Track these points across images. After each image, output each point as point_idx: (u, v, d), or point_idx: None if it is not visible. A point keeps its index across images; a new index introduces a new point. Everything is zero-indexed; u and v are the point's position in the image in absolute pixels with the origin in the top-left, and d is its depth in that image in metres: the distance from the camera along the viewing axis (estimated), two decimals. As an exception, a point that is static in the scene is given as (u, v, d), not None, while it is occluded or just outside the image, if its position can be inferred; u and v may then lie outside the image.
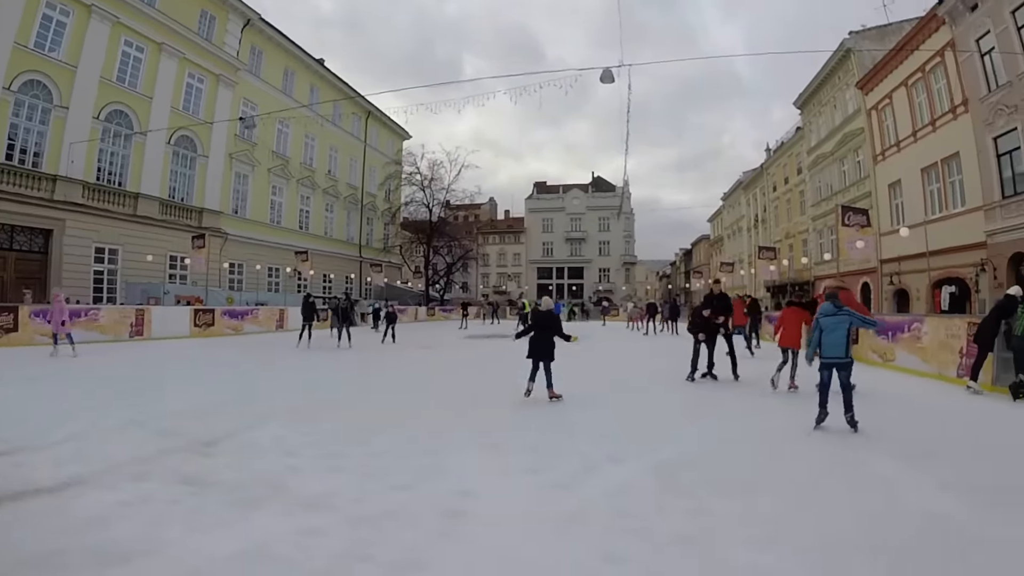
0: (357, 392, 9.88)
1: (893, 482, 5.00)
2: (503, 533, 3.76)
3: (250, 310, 26.94)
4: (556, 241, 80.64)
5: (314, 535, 3.66)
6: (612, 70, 15.35)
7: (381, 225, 51.97)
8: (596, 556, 3.46)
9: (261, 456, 5.48)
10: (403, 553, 3.44)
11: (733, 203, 65.15)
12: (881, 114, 29.84)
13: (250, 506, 4.14)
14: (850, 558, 3.47)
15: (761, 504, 4.38)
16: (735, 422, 7.63)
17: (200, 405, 8.05)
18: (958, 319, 12.25)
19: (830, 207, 32.82)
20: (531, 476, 4.99)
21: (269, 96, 35.64)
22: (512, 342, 12.06)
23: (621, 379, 11.80)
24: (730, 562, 3.43)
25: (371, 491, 4.53)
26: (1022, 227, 19.90)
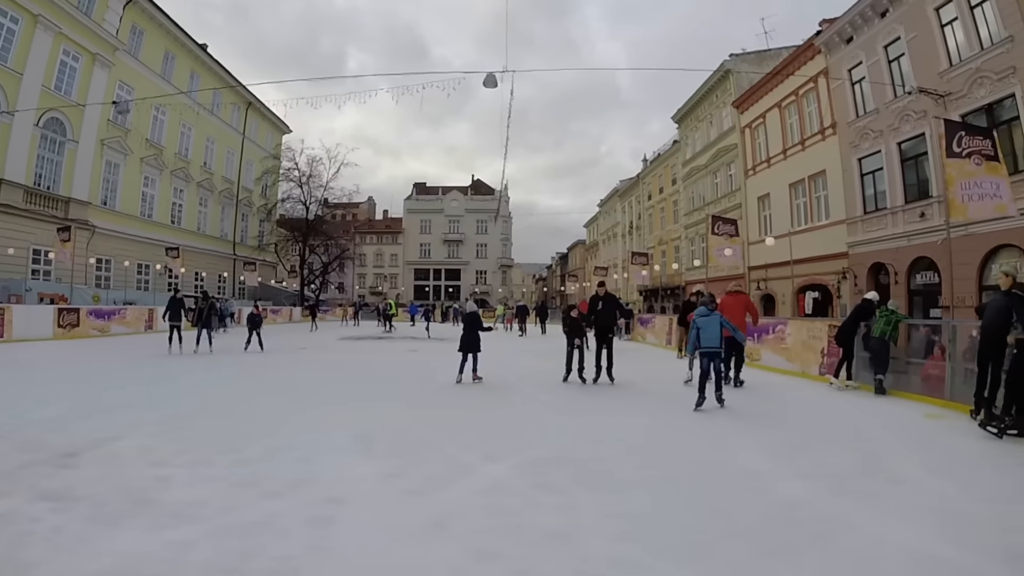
0: (228, 397, 9.57)
1: (757, 474, 5.35)
2: (375, 539, 3.77)
3: (118, 310, 25.40)
4: (434, 243, 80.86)
5: (182, 548, 3.55)
6: (496, 75, 15.57)
7: (256, 222, 50.59)
8: (468, 556, 3.53)
9: (127, 467, 5.24)
10: (273, 563, 3.39)
11: (609, 210, 67.05)
12: (754, 132, 31.96)
13: (116, 521, 3.97)
14: (713, 547, 3.69)
15: (629, 499, 4.60)
16: (607, 420, 7.94)
17: (63, 413, 7.62)
18: (819, 322, 13.36)
19: (702, 216, 34.39)
20: (402, 479, 5.01)
21: (147, 80, 33.99)
22: (383, 343, 12.34)
23: (494, 379, 11.86)
24: (598, 555, 3.57)
25: (241, 500, 4.44)
26: (881, 239, 21.86)
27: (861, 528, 4.07)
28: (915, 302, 20.78)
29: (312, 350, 19.20)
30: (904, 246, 20.75)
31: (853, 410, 9.00)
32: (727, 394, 9.01)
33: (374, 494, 4.62)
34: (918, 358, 10.82)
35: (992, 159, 11.18)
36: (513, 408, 8.89)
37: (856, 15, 22.55)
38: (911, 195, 20.81)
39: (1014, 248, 16.69)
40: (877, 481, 5.23)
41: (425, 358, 16.96)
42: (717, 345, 8.74)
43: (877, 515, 4.30)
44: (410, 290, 77.80)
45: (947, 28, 18.97)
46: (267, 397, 9.42)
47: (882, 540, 3.87)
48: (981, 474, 5.62)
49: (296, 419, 7.56)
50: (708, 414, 8.25)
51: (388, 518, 4.09)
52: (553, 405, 9.15)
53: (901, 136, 20.98)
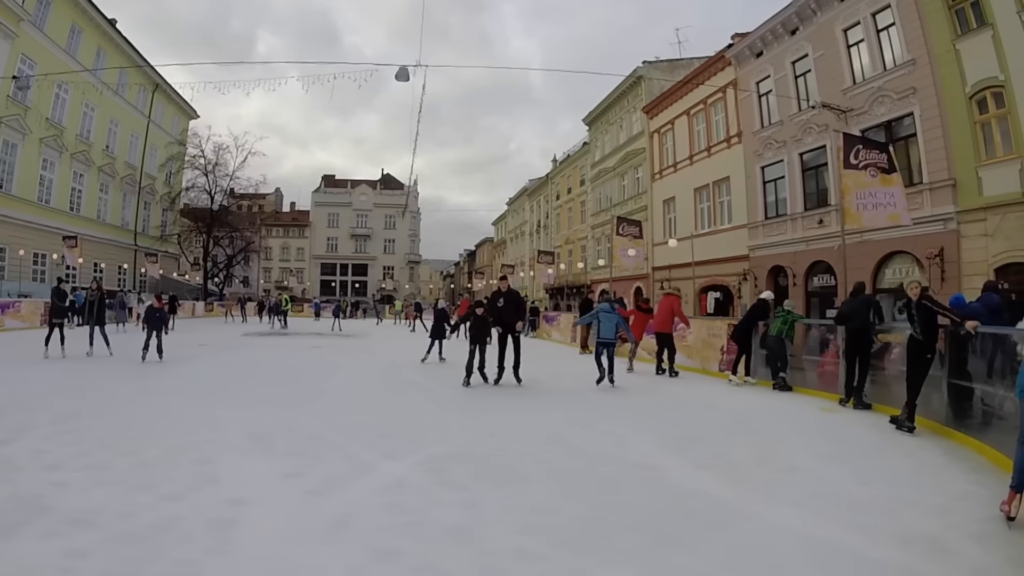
0: (127, 395, 9.26)
1: (654, 466, 5.55)
2: (277, 540, 3.73)
3: (12, 303, 23.97)
4: (342, 237, 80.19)
5: (78, 557, 3.43)
6: (408, 69, 15.80)
7: (159, 211, 48.68)
8: (369, 554, 3.53)
9: (19, 472, 5.01)
10: (173, 568, 3.33)
11: (518, 208, 67.41)
12: (662, 137, 32.87)
13: (8, 530, 3.80)
14: (612, 537, 3.82)
15: (530, 492, 4.70)
16: (508, 417, 8.08)
17: None
18: (719, 321, 14.08)
19: (608, 217, 35.03)
20: (303, 479, 4.98)
21: (51, 55, 31.85)
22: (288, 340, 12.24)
23: (397, 378, 12.08)
24: (501, 549, 3.63)
25: (140, 504, 4.31)
26: (780, 244, 22.98)
27: (756, 515, 4.28)
28: (812, 303, 21.95)
29: (214, 347, 18.55)
30: (803, 250, 21.86)
31: (751, 405, 9.40)
32: (639, 381, 10.44)
33: (275, 495, 4.58)
34: (814, 355, 11.49)
35: (887, 172, 11.82)
36: (414, 406, 8.94)
37: (767, 31, 23.53)
38: (810, 203, 21.91)
39: (906, 255, 17.94)
40: (772, 470, 5.52)
41: (329, 354, 17.08)
42: (612, 337, 11.24)
43: (772, 503, 4.52)
44: (316, 285, 76.88)
45: (853, 49, 20.17)
46: (165, 396, 9.15)
47: (777, 526, 4.08)
48: (871, 462, 5.95)
49: (194, 418, 7.36)
50: (609, 409, 8.65)
51: (290, 518, 4.07)
52: (455, 402, 9.23)
53: (803, 147, 22.10)
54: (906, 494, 4.87)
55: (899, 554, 3.67)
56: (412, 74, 14.89)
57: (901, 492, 4.93)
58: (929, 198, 17.18)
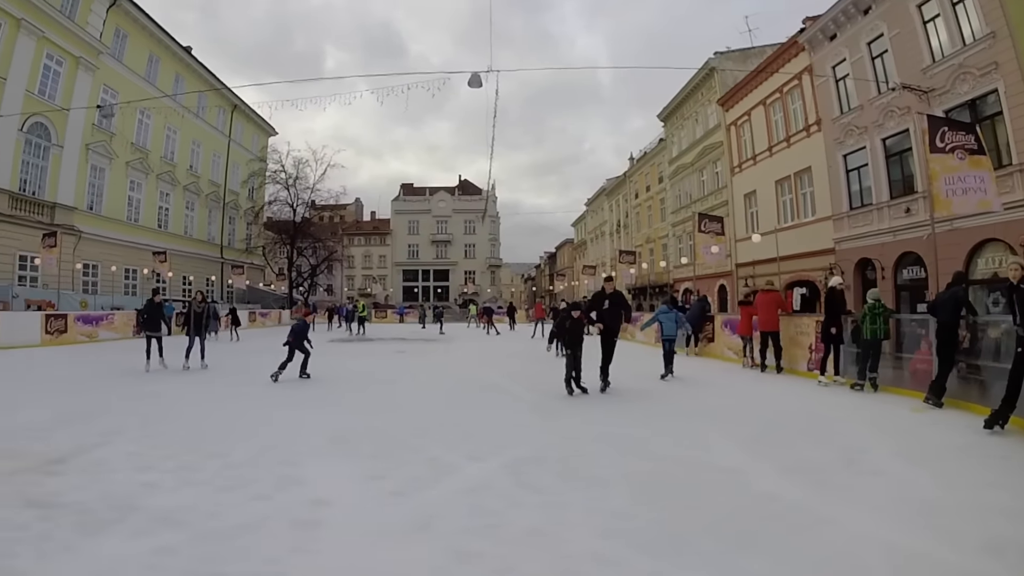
0: (210, 400, 9.51)
1: (736, 469, 5.39)
2: (359, 540, 3.78)
3: (105, 315, 25.22)
4: (422, 243, 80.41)
5: (166, 554, 3.55)
6: (480, 75, 15.46)
7: (244, 225, 50.25)
8: (450, 555, 3.55)
9: (112, 473, 5.22)
10: (258, 566, 3.41)
11: (596, 208, 66.89)
12: (739, 129, 31.97)
13: (100, 528, 3.97)
14: (691, 541, 3.74)
15: (610, 495, 4.63)
16: (588, 418, 7.96)
17: (49, 420, 7.59)
18: (807, 318, 13.34)
19: (688, 214, 34.43)
20: (386, 481, 5.03)
21: (131, 83, 33.62)
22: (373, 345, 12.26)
23: (480, 380, 12.06)
24: (580, 552, 3.61)
25: (227, 504, 4.44)
26: (867, 235, 21.94)
27: (838, 521, 4.11)
28: (902, 297, 20.81)
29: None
30: (890, 241, 20.83)
31: (837, 405, 9.03)
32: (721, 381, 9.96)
33: (358, 496, 4.64)
34: (906, 353, 10.74)
35: (976, 153, 11.11)
36: (496, 409, 8.86)
37: (839, 12, 22.58)
38: (896, 191, 20.89)
39: (999, 242, 16.68)
40: (856, 474, 5.29)
41: (411, 358, 16.97)
42: (673, 334, 12.46)
43: (855, 508, 4.34)
44: (399, 291, 77.61)
45: (929, 25, 19.04)
46: (250, 400, 9.41)
47: (859, 533, 3.91)
48: (961, 466, 5.64)
49: (279, 422, 7.55)
50: (690, 411, 8.38)
51: (372, 519, 4.11)
52: (536, 405, 9.08)
53: (885, 132, 21.07)
54: (998, 500, 4.59)
55: (988, 564, 3.49)
56: (484, 80, 15.19)
57: (992, 498, 4.64)
58: (1020, 181, 16.17)
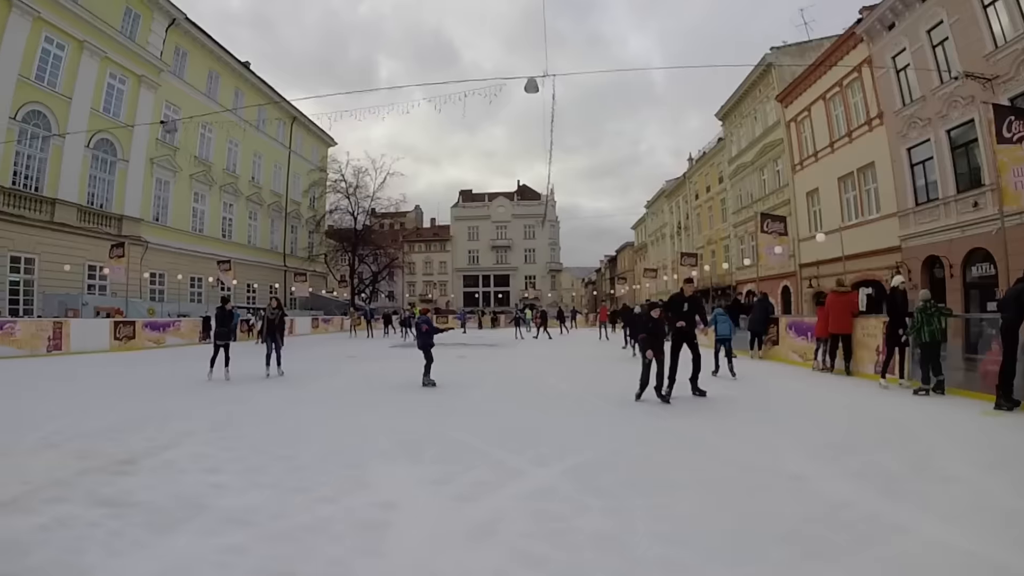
0: (280, 404, 9.65)
1: (805, 475, 5.22)
2: (424, 544, 3.78)
3: (172, 322, 26.10)
4: (482, 249, 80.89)
5: (234, 553, 3.60)
6: (536, 80, 15.34)
7: (306, 233, 51.27)
8: (515, 560, 3.52)
9: (181, 474, 5.35)
10: (324, 567, 3.43)
11: (656, 211, 66.21)
12: (800, 126, 31.18)
13: (170, 526, 4.05)
14: (760, 549, 3.63)
15: (677, 501, 4.54)
16: (654, 422, 7.85)
17: (120, 422, 7.80)
18: (873, 319, 12.89)
19: (750, 214, 34.06)
20: (451, 485, 5.02)
21: (192, 99, 34.71)
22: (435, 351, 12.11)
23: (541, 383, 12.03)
24: (646, 558, 3.53)
25: (293, 506, 4.49)
26: (933, 232, 21.13)
27: (911, 529, 3.97)
28: (971, 295, 20.00)
29: (362, 358, 19.06)
30: (958, 237, 20.02)
31: (904, 409, 8.66)
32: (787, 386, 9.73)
33: (424, 499, 4.65)
34: (978, 354, 10.16)
35: None
36: (560, 413, 8.70)
37: (896, 1, 21.86)
38: (963, 184, 20.06)
39: None
40: (927, 480, 5.08)
41: (474, 363, 16.82)
42: (727, 334, 13.12)
43: (927, 516, 4.19)
44: (459, 297, 78.15)
45: (989, 9, 18.34)
46: (316, 405, 9.53)
47: (933, 541, 3.77)
48: None
49: (345, 426, 7.63)
50: (756, 415, 8.16)
51: (438, 523, 4.12)
52: (601, 409, 8.97)
53: (949, 123, 20.26)
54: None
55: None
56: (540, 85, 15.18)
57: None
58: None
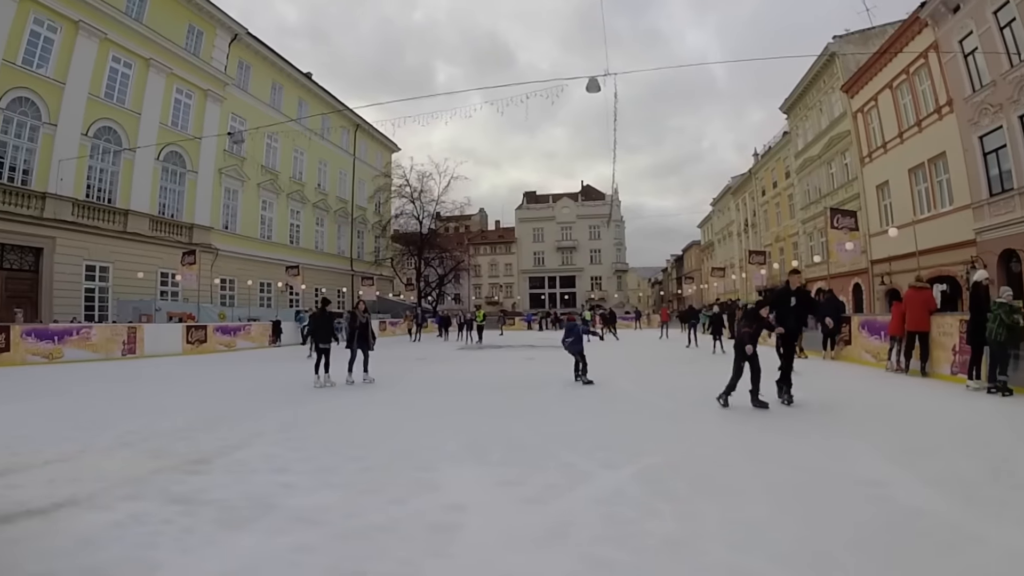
0: (349, 406, 9.72)
1: (881, 481, 5.00)
2: (493, 546, 3.75)
3: (242, 326, 26.84)
4: (547, 250, 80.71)
5: (305, 552, 3.64)
6: (598, 79, 15.17)
7: (372, 238, 52.03)
8: (585, 563, 3.46)
9: (252, 473, 5.45)
10: (395, 567, 3.44)
11: (723, 208, 65.11)
12: (867, 116, 30.09)
13: (241, 524, 4.12)
14: (835, 557, 3.49)
15: (748, 506, 4.41)
16: (723, 425, 7.65)
17: (192, 423, 8.02)
18: (949, 317, 12.27)
19: (819, 210, 32.88)
20: (520, 487, 4.97)
21: (257, 110, 35.67)
22: (501, 352, 12.04)
23: (607, 386, 11.71)
24: (716, 564, 3.44)
25: (363, 506, 4.51)
26: (1011, 223, 20.10)
27: (991, 539, 3.79)
28: None
29: (430, 361, 19.09)
30: None
31: (984, 412, 8.28)
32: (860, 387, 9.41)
33: (493, 502, 4.61)
34: None
35: None
36: (630, 415, 8.56)
37: None
38: None
39: None
40: (1008, 487, 4.86)
41: (542, 365, 16.69)
42: None
43: (1008, 524, 4.00)
44: (525, 299, 78.32)
45: None
46: (385, 407, 9.56)
47: (1014, 551, 3.60)
48: None
49: (414, 428, 7.66)
50: (829, 418, 7.90)
51: (507, 525, 4.08)
52: (670, 412, 8.79)
53: (1022, 108, 19.33)
54: None
55: None
56: (602, 84, 15.12)
57: None
58: None
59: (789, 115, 41.95)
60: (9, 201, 22.21)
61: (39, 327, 18.50)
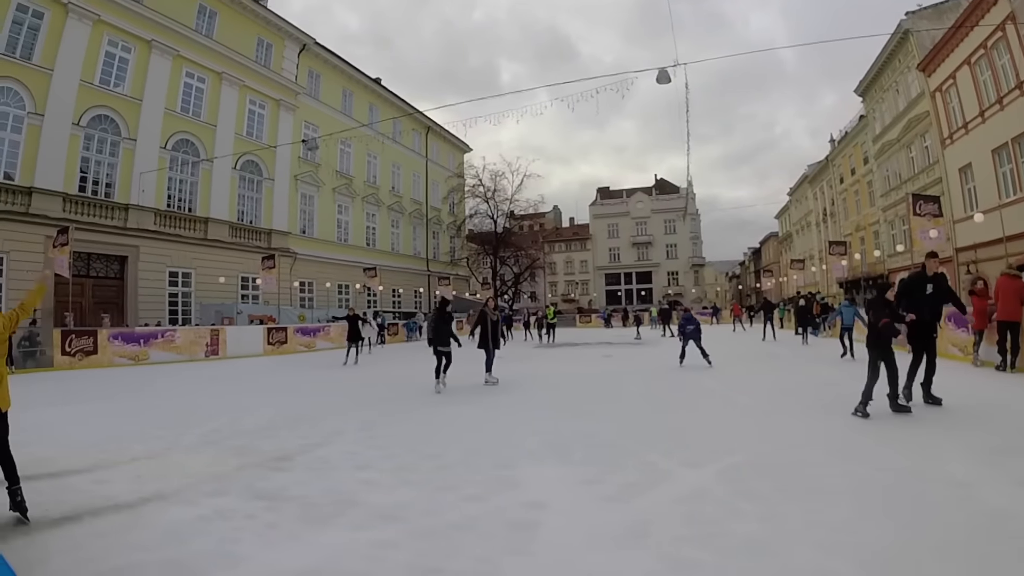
0: (425, 405, 9.77)
1: (970, 483, 4.74)
2: (573, 545, 3.72)
3: (322, 327, 27.39)
4: (623, 246, 79.90)
5: (385, 548, 3.69)
6: (668, 70, 14.98)
7: (447, 238, 52.43)
8: (666, 563, 3.42)
9: (333, 471, 5.55)
10: (473, 564, 3.44)
11: (800, 198, 63.24)
12: (946, 95, 28.44)
13: (322, 520, 4.20)
14: (920, 561, 3.34)
15: (831, 507, 4.26)
16: (805, 423, 7.38)
17: (274, 421, 8.21)
18: None
19: (900, 196, 31.81)
20: (601, 485, 4.92)
21: (329, 117, 36.38)
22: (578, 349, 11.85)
23: (688, 383, 11.55)
24: (800, 566, 3.35)
25: (443, 503, 4.54)
26: None
27: None
28: None
29: (508, 359, 18.36)
30: None
31: None
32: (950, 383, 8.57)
33: (573, 500, 4.58)
34: None
35: None
36: (710, 413, 8.39)
37: None
38: None
39: None
40: None
41: (620, 363, 16.51)
42: (850, 323, 15.20)
43: None
44: (601, 296, 77.73)
45: None
46: (461, 405, 9.57)
47: None
48: None
49: (491, 426, 7.68)
50: (919, 416, 7.41)
51: (587, 524, 4.06)
52: (751, 409, 8.56)
53: None
54: None
55: None
56: (672, 75, 14.92)
57: None
58: None
59: (865, 98, 40.29)
60: (94, 213, 23.20)
61: (125, 331, 19.27)
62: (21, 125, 21.26)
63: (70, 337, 17.34)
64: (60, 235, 18.06)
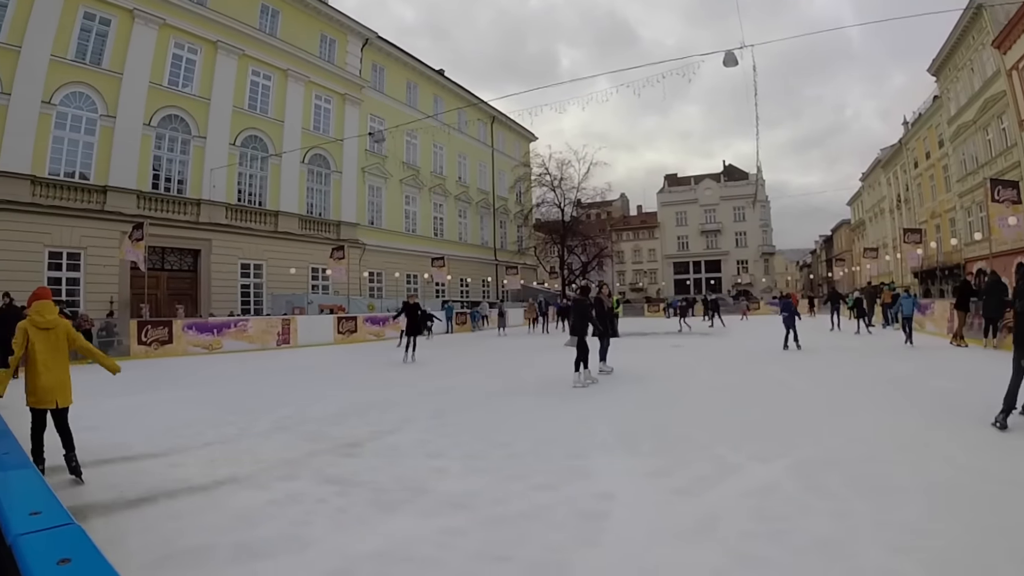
0: (494, 394, 9.73)
1: None
2: (642, 536, 3.68)
3: (391, 316, 27.64)
4: (691, 234, 78.29)
5: (454, 535, 3.70)
6: (735, 53, 14.67)
7: (514, 227, 52.45)
8: (734, 558, 3.36)
9: (403, 457, 5.61)
10: (542, 554, 3.44)
11: (872, 183, 61.23)
12: (1022, 74, 26.97)
13: (392, 506, 4.25)
14: (996, 566, 3.18)
15: (904, 507, 4.10)
16: (879, 419, 7.05)
17: (345, 409, 8.31)
18: None
19: (977, 181, 30.38)
20: (670, 478, 4.87)
21: (394, 110, 36.63)
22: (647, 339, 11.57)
23: (759, 375, 11.29)
24: (871, 567, 3.24)
25: (513, 492, 4.54)
26: None
27: None
28: None
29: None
30: None
31: None
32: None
33: (643, 492, 4.55)
34: None
35: None
36: (781, 406, 8.16)
37: None
38: None
39: None
40: None
41: (689, 353, 16.12)
42: (910, 313, 16.22)
43: None
44: (670, 285, 76.67)
45: None
46: (532, 396, 9.44)
47: None
48: None
49: (562, 416, 7.64)
50: (988, 415, 6.69)
51: (656, 516, 4.03)
52: (823, 403, 8.33)
53: None
54: None
55: None
56: (740, 58, 14.65)
57: None
58: None
59: (938, 77, 38.53)
60: (168, 209, 23.94)
61: (199, 321, 19.79)
62: (94, 127, 21.99)
63: (146, 327, 17.81)
64: (135, 230, 18.59)
